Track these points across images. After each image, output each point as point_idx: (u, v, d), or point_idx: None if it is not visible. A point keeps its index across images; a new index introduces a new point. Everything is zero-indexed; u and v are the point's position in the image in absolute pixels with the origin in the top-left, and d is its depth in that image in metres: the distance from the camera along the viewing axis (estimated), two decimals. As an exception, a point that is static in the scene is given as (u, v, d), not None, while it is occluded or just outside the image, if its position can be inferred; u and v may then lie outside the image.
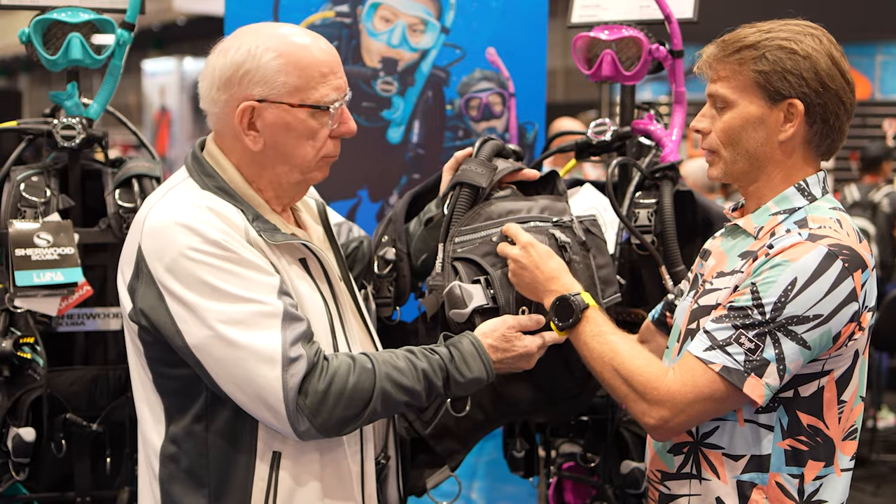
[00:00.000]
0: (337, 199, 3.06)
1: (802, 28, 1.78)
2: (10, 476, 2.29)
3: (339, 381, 1.71)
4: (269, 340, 1.68)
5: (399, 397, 1.76)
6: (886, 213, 6.62)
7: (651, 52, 2.44)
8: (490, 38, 3.03)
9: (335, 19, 3.05)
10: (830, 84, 1.75)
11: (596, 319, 1.86)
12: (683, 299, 1.95)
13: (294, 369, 1.68)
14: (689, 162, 6.20)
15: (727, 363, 1.69)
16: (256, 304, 1.69)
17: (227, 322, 1.67)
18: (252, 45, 1.79)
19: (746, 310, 1.69)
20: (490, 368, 1.85)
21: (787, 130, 1.76)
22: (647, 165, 2.45)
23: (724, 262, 1.84)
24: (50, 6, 2.38)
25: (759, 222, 1.81)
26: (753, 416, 1.75)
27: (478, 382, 1.84)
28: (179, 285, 1.69)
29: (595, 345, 1.83)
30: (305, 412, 1.69)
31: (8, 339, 2.25)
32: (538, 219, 2.04)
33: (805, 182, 1.80)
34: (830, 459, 1.77)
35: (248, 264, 1.72)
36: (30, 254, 2.27)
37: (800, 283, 1.66)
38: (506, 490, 3.05)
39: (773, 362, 1.68)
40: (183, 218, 1.72)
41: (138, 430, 1.89)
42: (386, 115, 3.07)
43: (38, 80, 18.56)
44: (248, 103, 1.79)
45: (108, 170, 2.47)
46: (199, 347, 1.69)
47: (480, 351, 1.85)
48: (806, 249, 1.68)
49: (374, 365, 1.76)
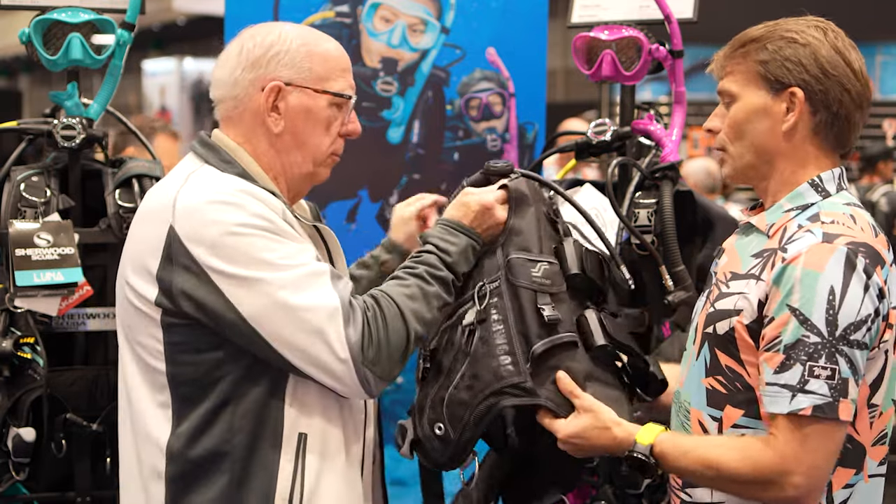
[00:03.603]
0: (337, 199, 3.06)
1: (809, 22, 1.76)
2: (10, 476, 2.28)
3: (382, 330, 1.76)
4: (327, 297, 1.73)
5: (427, 309, 1.83)
6: (885, 213, 6.63)
7: (651, 52, 2.44)
8: (490, 38, 3.03)
9: (335, 19, 3.05)
10: (832, 71, 1.72)
11: (666, 448, 1.75)
12: (699, 300, 1.91)
13: (354, 321, 1.73)
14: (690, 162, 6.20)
15: (816, 401, 1.61)
16: (305, 267, 1.74)
17: (282, 287, 1.71)
18: (280, 32, 1.88)
19: (802, 340, 1.61)
20: (472, 232, 1.94)
21: (790, 119, 1.74)
22: (647, 165, 2.45)
23: (738, 261, 1.80)
24: (50, 6, 2.38)
25: (772, 219, 1.77)
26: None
27: (473, 249, 1.94)
28: (227, 262, 1.71)
29: (685, 466, 1.75)
30: (370, 361, 1.74)
31: (8, 339, 2.25)
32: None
33: (819, 178, 1.76)
34: (860, 466, 1.71)
35: (289, 235, 1.77)
36: (30, 254, 2.27)
37: (839, 292, 1.61)
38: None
39: (850, 377, 1.61)
40: (220, 195, 1.75)
41: (121, 434, 1.87)
42: (386, 115, 3.07)
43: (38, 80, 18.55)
44: (275, 84, 1.84)
45: (109, 170, 2.47)
46: (257, 318, 1.71)
47: (452, 225, 1.94)
48: (826, 254, 1.63)
49: (395, 300, 1.81)
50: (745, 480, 1.67)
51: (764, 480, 1.66)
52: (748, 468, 1.66)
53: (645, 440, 1.76)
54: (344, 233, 3.00)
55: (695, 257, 2.40)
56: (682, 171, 2.52)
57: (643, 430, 1.79)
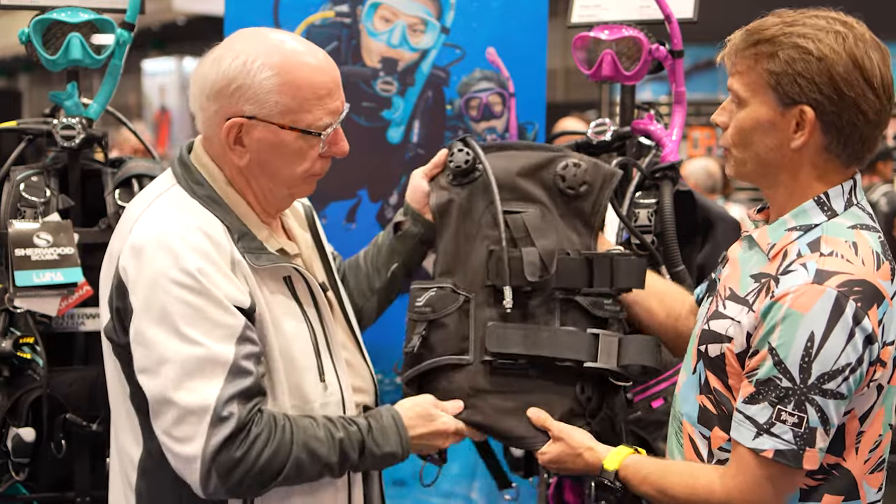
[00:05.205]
0: (337, 199, 3.06)
1: (828, 22, 1.64)
2: (10, 476, 2.29)
3: (254, 452, 1.68)
4: (207, 393, 1.65)
5: (313, 468, 1.75)
6: (885, 213, 6.63)
7: (651, 52, 2.44)
8: (490, 38, 3.02)
9: (335, 19, 3.04)
10: (847, 91, 1.60)
11: (629, 473, 1.81)
12: (705, 300, 1.90)
13: (221, 427, 1.65)
14: (690, 162, 6.20)
15: (778, 446, 1.60)
16: (206, 349, 1.66)
17: (172, 362, 1.66)
18: (248, 57, 1.75)
19: (774, 380, 1.59)
20: (406, 444, 1.85)
21: (799, 139, 1.65)
22: (647, 165, 2.45)
23: (738, 277, 1.75)
24: (50, 6, 2.38)
25: (774, 238, 1.70)
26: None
27: (392, 457, 1.83)
28: (144, 310, 1.68)
29: (645, 491, 1.80)
30: (219, 472, 1.66)
31: (8, 340, 2.25)
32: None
33: (826, 195, 1.67)
34: (854, 493, 1.67)
35: (216, 302, 1.68)
36: (29, 254, 2.27)
37: (818, 338, 1.55)
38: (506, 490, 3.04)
39: (818, 427, 1.58)
40: (166, 237, 1.70)
41: (112, 436, 1.89)
42: (386, 115, 3.06)
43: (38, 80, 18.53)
44: (236, 120, 1.75)
45: (108, 170, 2.47)
46: (141, 373, 1.69)
47: (399, 426, 1.84)
48: (814, 296, 1.56)
49: (293, 434, 1.72)
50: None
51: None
52: (695, 497, 1.70)
53: (611, 466, 1.83)
54: (344, 233, 3.00)
55: (695, 257, 2.40)
56: (682, 171, 2.51)
57: (611, 455, 1.85)
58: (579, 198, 2.09)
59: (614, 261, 2.04)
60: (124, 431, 1.83)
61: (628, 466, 1.81)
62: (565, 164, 2.09)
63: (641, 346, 2.02)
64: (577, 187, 2.08)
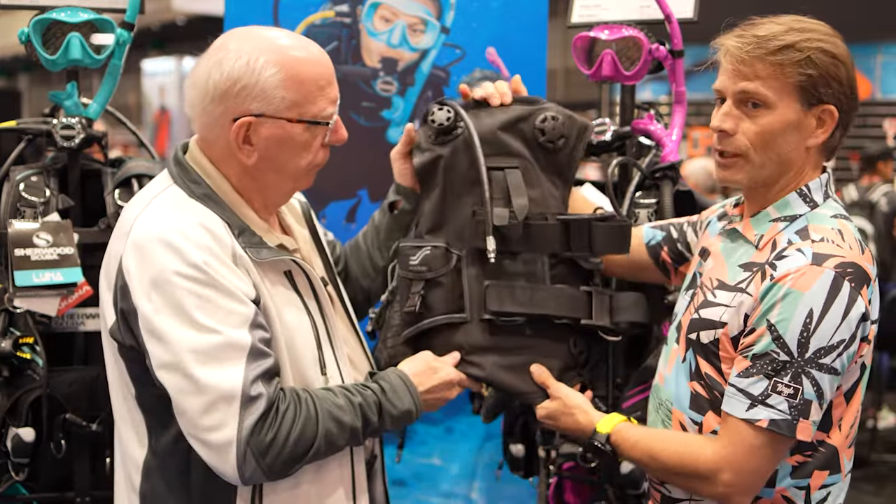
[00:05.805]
0: (337, 199, 3.06)
1: (822, 27, 1.75)
2: (10, 476, 2.29)
3: (285, 428, 1.69)
4: (232, 376, 1.66)
5: (341, 436, 1.77)
6: (884, 213, 6.63)
7: (651, 52, 2.44)
8: (490, 38, 3.02)
9: (335, 19, 3.04)
10: (855, 91, 1.74)
11: (621, 438, 1.87)
12: (682, 295, 1.94)
13: (252, 408, 1.66)
14: (690, 162, 6.20)
15: (773, 416, 1.66)
16: (222, 337, 1.67)
17: (192, 352, 1.66)
18: (250, 56, 1.76)
19: (771, 354, 1.66)
20: (418, 400, 1.88)
21: (819, 136, 1.74)
22: (648, 165, 2.45)
23: (724, 269, 1.80)
24: (49, 6, 2.38)
25: (760, 230, 1.77)
26: None
27: (408, 415, 1.86)
28: (153, 307, 1.67)
29: (635, 456, 1.86)
30: (255, 453, 1.66)
31: (7, 339, 2.25)
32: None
33: (807, 187, 1.76)
34: (836, 467, 1.75)
35: (226, 291, 1.69)
36: (29, 254, 2.27)
37: (816, 314, 1.63)
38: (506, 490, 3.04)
39: (814, 400, 1.65)
40: (167, 234, 1.70)
41: (115, 439, 1.88)
42: (386, 115, 3.06)
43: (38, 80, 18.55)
44: (245, 119, 1.76)
45: (108, 170, 2.47)
46: (162, 371, 1.68)
47: (408, 383, 1.89)
48: (813, 276, 1.64)
49: (317, 405, 1.74)
50: (679, 473, 1.77)
51: (696, 475, 1.74)
52: (683, 462, 1.75)
53: (603, 429, 1.89)
54: (344, 233, 3.00)
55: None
56: (682, 171, 2.52)
57: (604, 420, 1.91)
58: (557, 151, 2.14)
59: (592, 226, 2.09)
60: (127, 433, 1.82)
61: (620, 431, 1.88)
62: (543, 116, 2.13)
63: (632, 303, 2.14)
64: (555, 140, 2.13)
